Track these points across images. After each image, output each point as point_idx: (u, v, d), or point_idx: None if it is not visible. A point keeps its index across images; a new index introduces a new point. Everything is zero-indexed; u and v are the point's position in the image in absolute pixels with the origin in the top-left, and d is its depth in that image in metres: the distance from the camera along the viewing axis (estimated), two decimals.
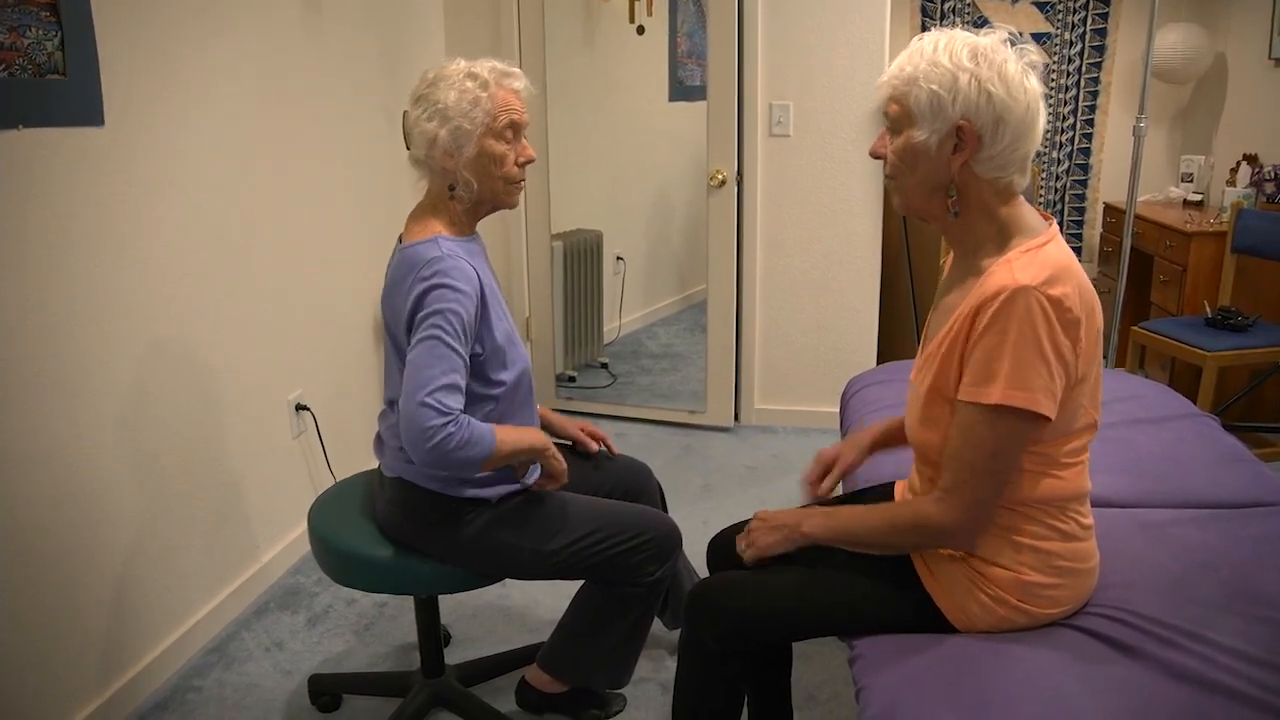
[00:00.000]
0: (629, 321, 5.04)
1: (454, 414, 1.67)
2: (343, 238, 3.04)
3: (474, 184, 1.80)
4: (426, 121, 1.76)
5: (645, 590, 1.94)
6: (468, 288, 1.72)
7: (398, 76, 3.32)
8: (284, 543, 2.79)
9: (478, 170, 1.79)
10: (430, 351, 1.68)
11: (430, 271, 1.71)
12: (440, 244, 1.76)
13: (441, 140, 1.76)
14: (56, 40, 1.91)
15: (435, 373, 1.67)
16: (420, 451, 1.67)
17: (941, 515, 1.40)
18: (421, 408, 1.64)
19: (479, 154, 1.78)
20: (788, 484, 3.35)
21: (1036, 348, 1.31)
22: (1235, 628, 1.43)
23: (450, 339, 1.69)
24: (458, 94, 1.75)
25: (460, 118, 1.75)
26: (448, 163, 1.78)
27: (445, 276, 1.71)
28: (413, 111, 1.80)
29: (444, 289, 1.70)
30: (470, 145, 1.77)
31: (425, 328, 1.70)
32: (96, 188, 2.03)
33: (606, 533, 1.88)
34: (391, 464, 1.89)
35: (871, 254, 3.74)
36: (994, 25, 5.02)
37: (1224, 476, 2.00)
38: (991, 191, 1.41)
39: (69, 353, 1.98)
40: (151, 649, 2.26)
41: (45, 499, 1.94)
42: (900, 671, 1.40)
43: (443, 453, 1.66)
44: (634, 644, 2.00)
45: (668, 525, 1.96)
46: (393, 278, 1.81)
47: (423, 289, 1.71)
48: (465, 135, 1.76)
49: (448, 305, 1.70)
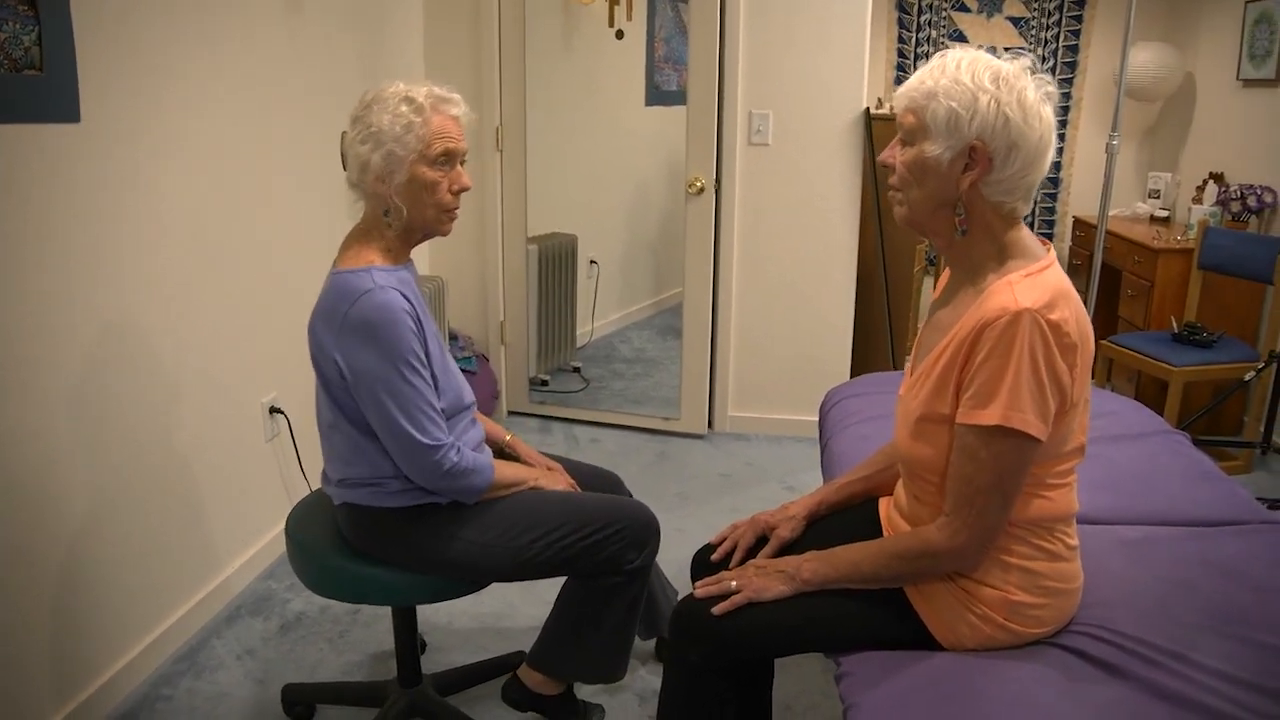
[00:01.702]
0: (601, 326, 5.03)
1: (446, 442, 1.75)
2: (318, 239, 2.99)
3: (404, 211, 1.76)
4: (360, 144, 1.73)
5: (626, 578, 1.92)
6: (402, 319, 1.70)
7: (376, 79, 3.26)
8: (256, 547, 2.75)
9: (409, 197, 1.75)
10: (393, 397, 1.71)
11: (360, 311, 1.68)
12: (373, 275, 1.73)
13: (374, 165, 1.72)
14: (34, 35, 1.87)
15: (411, 415, 1.72)
16: (434, 485, 1.79)
17: (948, 540, 1.41)
18: (421, 450, 1.74)
19: (410, 180, 1.74)
20: (762, 492, 3.36)
21: (1034, 371, 1.32)
22: (1217, 648, 1.45)
23: (404, 378, 1.70)
24: (391, 118, 1.71)
25: (393, 142, 1.71)
26: (380, 188, 1.74)
27: (379, 314, 1.68)
28: (349, 133, 1.76)
29: (381, 328, 1.68)
30: (402, 171, 1.73)
31: (375, 375, 1.69)
32: (71, 185, 1.98)
33: (578, 523, 1.86)
34: (336, 492, 1.88)
35: (848, 264, 3.76)
36: (969, 40, 5.05)
37: (1199, 494, 2.03)
38: (996, 215, 1.42)
39: (35, 350, 1.93)
40: (120, 656, 2.21)
41: (14, 503, 1.89)
42: (889, 689, 1.40)
43: (454, 483, 1.79)
44: (624, 636, 1.98)
45: (643, 512, 1.95)
46: (321, 304, 1.77)
47: (359, 335, 1.69)
48: (397, 161, 1.72)
49: (389, 345, 1.69)
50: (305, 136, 2.87)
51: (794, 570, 1.54)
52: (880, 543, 1.54)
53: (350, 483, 1.84)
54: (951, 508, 1.41)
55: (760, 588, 1.53)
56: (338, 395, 1.78)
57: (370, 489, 1.83)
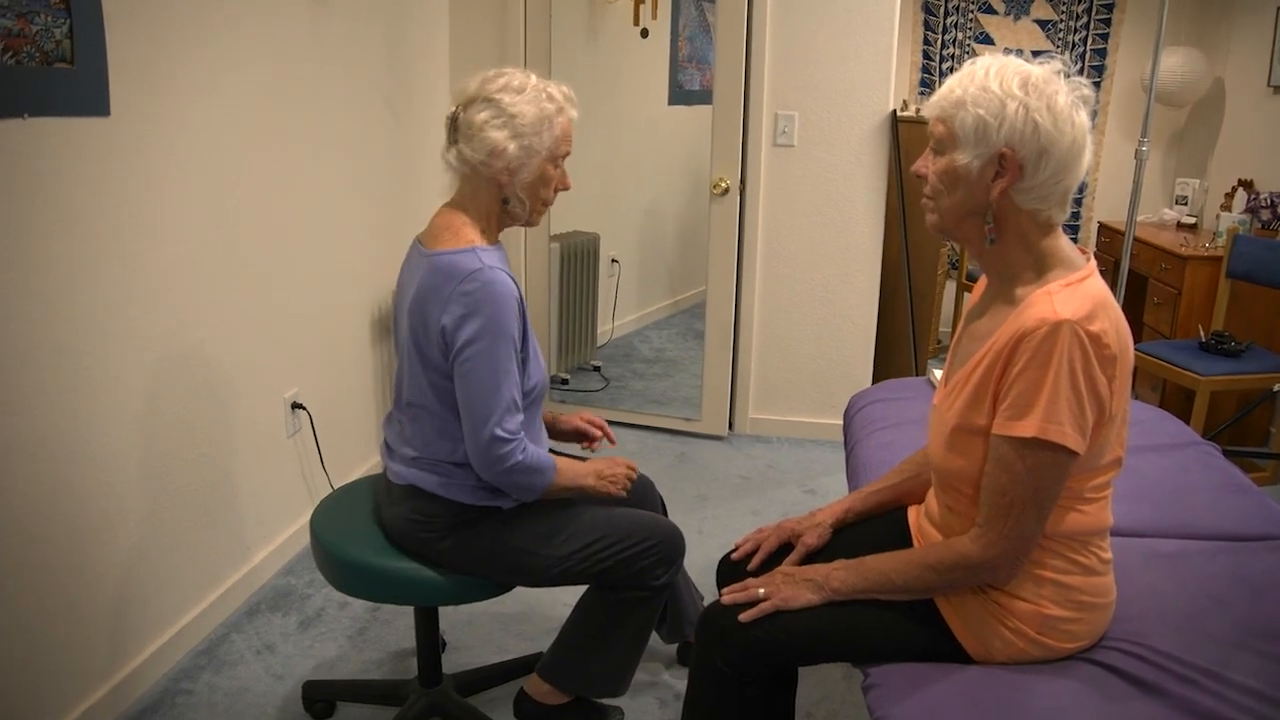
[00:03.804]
0: (621, 325, 5.02)
1: (518, 438, 1.74)
2: (344, 234, 3.00)
3: (525, 203, 1.79)
4: (496, 129, 1.71)
5: (650, 594, 1.93)
6: (511, 301, 1.71)
7: (401, 72, 3.28)
8: (276, 543, 2.75)
9: (530, 191, 1.78)
10: (488, 373, 1.70)
11: (473, 285, 1.69)
12: (479, 255, 1.72)
13: (509, 154, 1.72)
14: (65, 28, 1.87)
15: (497, 397, 1.71)
16: (489, 475, 1.77)
17: (982, 551, 1.39)
18: (493, 441, 1.72)
19: (536, 177, 1.77)
20: (783, 495, 3.34)
21: (1072, 383, 1.30)
22: (1250, 666, 1.43)
23: (503, 357, 1.70)
24: (537, 111, 1.72)
25: (533, 136, 1.72)
26: (504, 176, 1.75)
27: (490, 290, 1.68)
28: (476, 113, 1.72)
29: (490, 304, 1.68)
30: (533, 164, 1.75)
31: (477, 346, 1.69)
32: (99, 179, 1.98)
33: (615, 537, 1.87)
34: (401, 471, 1.87)
35: (872, 267, 3.73)
36: (996, 43, 5.01)
37: (1229, 508, 2.00)
38: (1031, 223, 1.40)
39: (67, 345, 1.94)
40: (141, 650, 2.22)
41: (39, 496, 1.89)
42: (918, 702, 1.39)
43: (510, 477, 1.77)
44: (635, 650, 1.99)
45: (672, 530, 1.96)
46: (425, 284, 1.74)
47: (468, 304, 1.68)
48: (533, 155, 1.74)
49: (496, 321, 1.68)
50: (332, 131, 2.86)
51: (823, 579, 1.52)
52: (911, 553, 1.52)
53: (424, 463, 1.82)
54: (985, 519, 1.40)
55: (788, 596, 1.52)
56: (435, 379, 1.77)
57: (443, 478, 1.82)
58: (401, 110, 3.28)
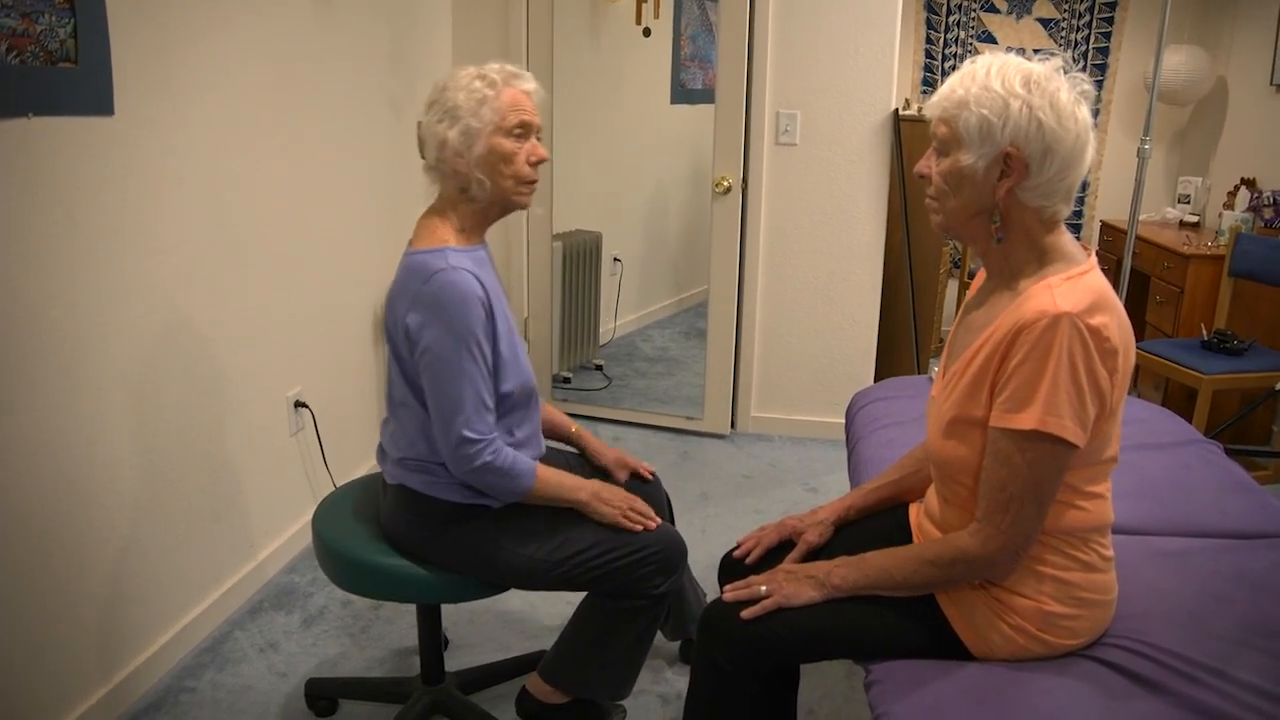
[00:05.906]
0: (624, 324, 5.03)
1: (487, 438, 1.74)
2: (347, 234, 3.00)
3: (486, 182, 1.78)
4: (437, 124, 1.76)
5: (650, 603, 1.92)
6: (472, 300, 1.71)
7: (405, 72, 3.29)
8: (279, 541, 2.75)
9: (488, 169, 1.78)
10: (446, 373, 1.71)
11: (433, 286, 1.70)
12: (447, 255, 1.74)
13: (452, 141, 1.75)
14: (69, 28, 1.87)
15: (460, 398, 1.72)
16: (460, 474, 1.78)
17: (981, 546, 1.39)
18: (461, 441, 1.73)
19: (488, 152, 1.77)
20: (785, 494, 3.35)
21: (1072, 375, 1.30)
22: (1253, 663, 1.43)
23: (463, 358, 1.70)
24: (466, 94, 1.75)
25: (469, 116, 1.75)
26: (458, 163, 1.77)
27: (450, 291, 1.69)
28: (425, 119, 1.79)
29: (450, 304, 1.69)
30: (480, 143, 1.76)
31: (435, 347, 1.70)
32: (103, 179, 1.99)
33: (612, 544, 1.86)
34: (393, 472, 1.88)
35: (874, 266, 3.73)
36: (998, 41, 5.02)
37: (1231, 506, 2.00)
38: (1036, 219, 1.40)
39: (70, 343, 1.94)
40: (145, 648, 2.22)
41: (42, 494, 1.90)
42: (920, 699, 1.39)
43: (481, 477, 1.77)
44: (637, 656, 1.99)
45: (674, 538, 1.95)
46: (396, 283, 1.80)
47: (427, 304, 1.70)
48: (474, 133, 1.75)
49: (456, 321, 1.69)
50: (336, 131, 2.87)
51: (824, 576, 1.53)
52: (911, 549, 1.52)
53: (410, 464, 1.84)
54: (984, 514, 1.40)
55: (790, 593, 1.52)
56: (410, 373, 1.79)
57: (427, 476, 1.83)
58: (404, 110, 3.28)
